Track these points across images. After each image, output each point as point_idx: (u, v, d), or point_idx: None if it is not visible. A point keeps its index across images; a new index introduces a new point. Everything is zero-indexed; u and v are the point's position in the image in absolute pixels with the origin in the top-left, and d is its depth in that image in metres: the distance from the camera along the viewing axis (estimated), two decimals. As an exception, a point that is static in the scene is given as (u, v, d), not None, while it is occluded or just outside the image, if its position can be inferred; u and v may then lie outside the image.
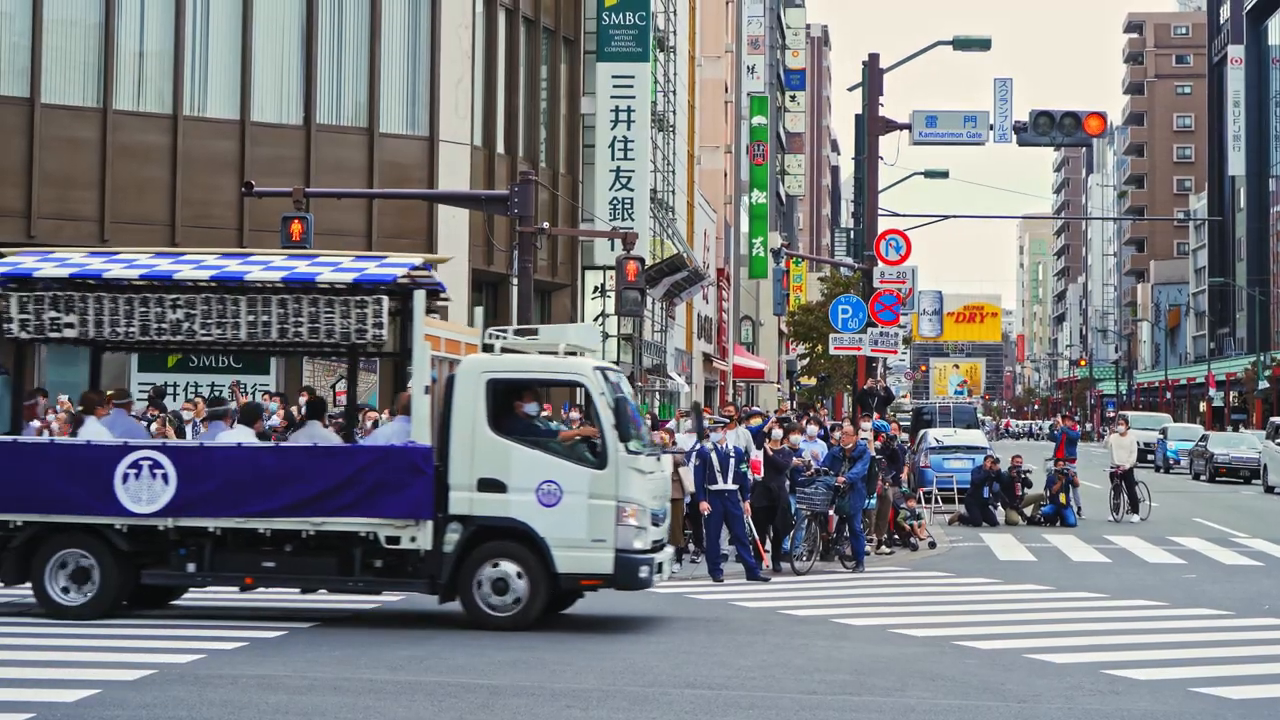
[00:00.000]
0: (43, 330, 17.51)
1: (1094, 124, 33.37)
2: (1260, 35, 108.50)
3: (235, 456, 17.26)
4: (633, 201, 42.53)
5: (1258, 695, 13.87)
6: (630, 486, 16.99)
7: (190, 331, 17.35)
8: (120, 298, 17.36)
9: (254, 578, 17.38)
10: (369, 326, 17.12)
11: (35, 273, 17.48)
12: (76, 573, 17.33)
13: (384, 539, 16.95)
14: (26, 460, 17.31)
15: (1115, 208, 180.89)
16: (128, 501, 17.07)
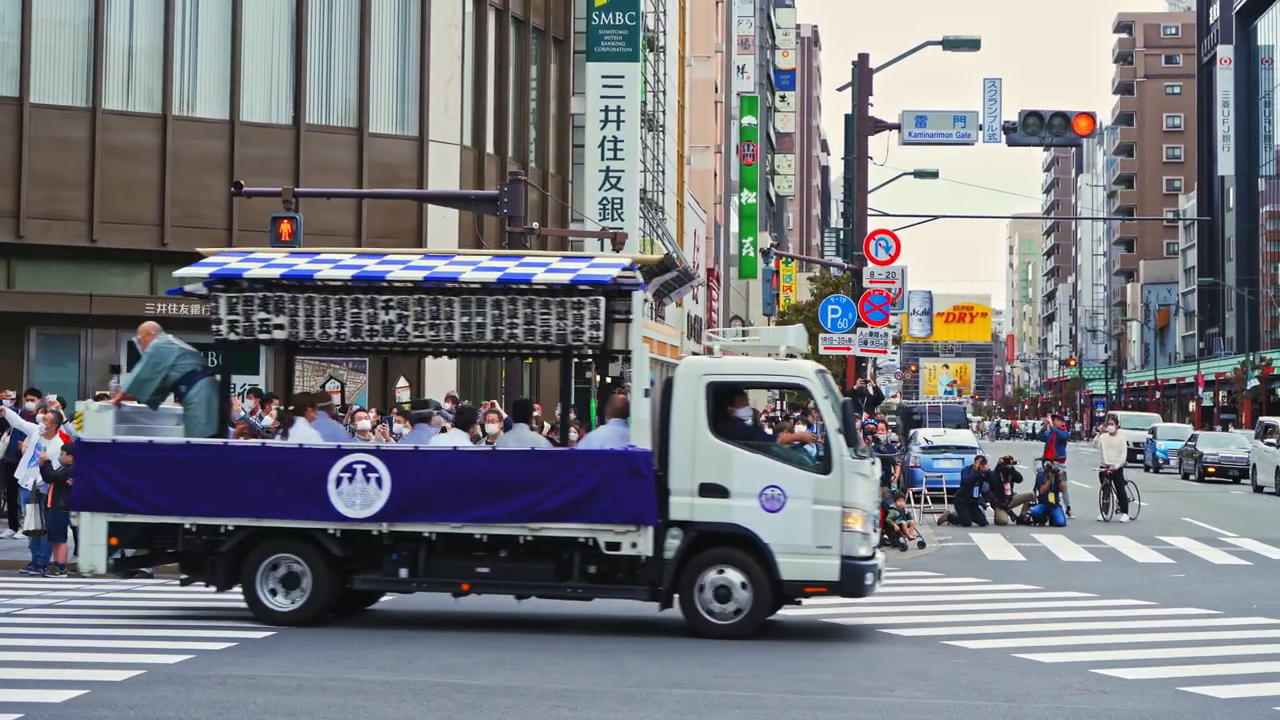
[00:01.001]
0: (252, 332, 17.30)
1: (1083, 124, 33.39)
2: (1249, 35, 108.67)
3: (450, 460, 16.91)
4: (622, 201, 42.52)
5: (1246, 695, 13.88)
6: (855, 491, 16.68)
7: (403, 333, 17.11)
8: (332, 299, 17.14)
9: (470, 584, 17.05)
10: (586, 328, 16.87)
11: (245, 273, 17.23)
12: (287, 578, 17.07)
13: (604, 545, 16.58)
14: (237, 463, 17.02)
15: (1105, 208, 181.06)
16: (341, 506, 16.76)
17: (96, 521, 17.22)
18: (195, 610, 18.75)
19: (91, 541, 17.27)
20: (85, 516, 17.35)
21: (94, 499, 17.19)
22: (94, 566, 17.42)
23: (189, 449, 17.20)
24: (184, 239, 33.45)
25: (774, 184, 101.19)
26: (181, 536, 17.29)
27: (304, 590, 17.02)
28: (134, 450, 17.23)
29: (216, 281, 17.38)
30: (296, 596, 17.04)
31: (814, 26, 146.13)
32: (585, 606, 18.53)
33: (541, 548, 16.78)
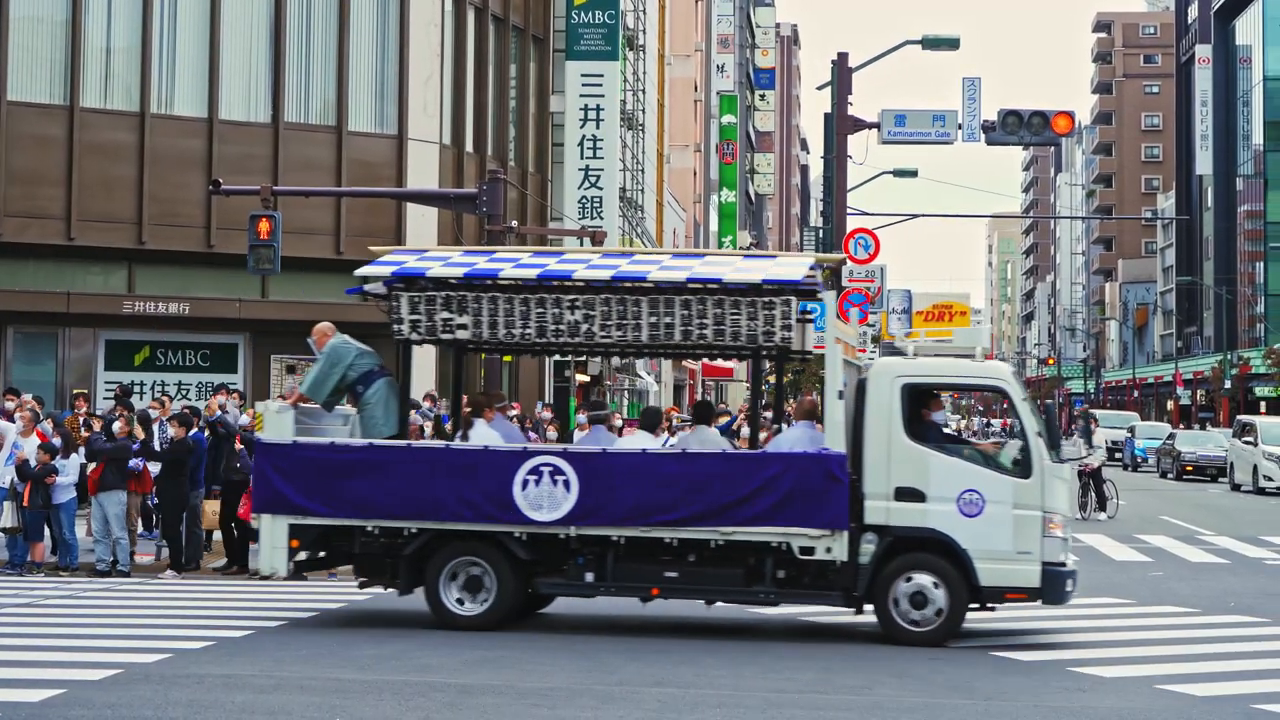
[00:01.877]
0: (434, 332, 17.03)
1: (1062, 123, 33.42)
2: (1228, 35, 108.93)
3: (639, 463, 16.64)
4: (602, 200, 42.50)
5: (1223, 693, 13.91)
6: (1056, 496, 16.41)
7: (589, 333, 16.82)
8: (516, 298, 16.84)
9: (659, 588, 16.75)
10: (777, 328, 16.52)
11: (427, 273, 16.97)
12: (470, 582, 16.83)
13: (797, 550, 16.26)
14: (420, 465, 16.78)
15: (1084, 207, 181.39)
16: (527, 509, 16.48)
17: (278, 524, 16.99)
18: (173, 609, 18.70)
19: (273, 544, 17.02)
20: (266, 519, 17.07)
21: (275, 501, 16.96)
22: (275, 569, 17.19)
23: (371, 450, 16.95)
24: (162, 237, 33.42)
25: (753, 183, 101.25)
26: (358, 538, 17.06)
27: (488, 594, 16.78)
28: (314, 451, 17.03)
29: (397, 281, 17.09)
30: (480, 601, 16.81)
31: (793, 25, 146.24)
32: (564, 606, 18.51)
33: (731, 552, 16.46)
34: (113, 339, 34.04)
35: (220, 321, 33.93)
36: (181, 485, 23.28)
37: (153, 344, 34.34)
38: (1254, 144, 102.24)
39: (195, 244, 33.73)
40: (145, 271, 34.04)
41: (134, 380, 33.02)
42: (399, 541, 16.94)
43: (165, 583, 22.25)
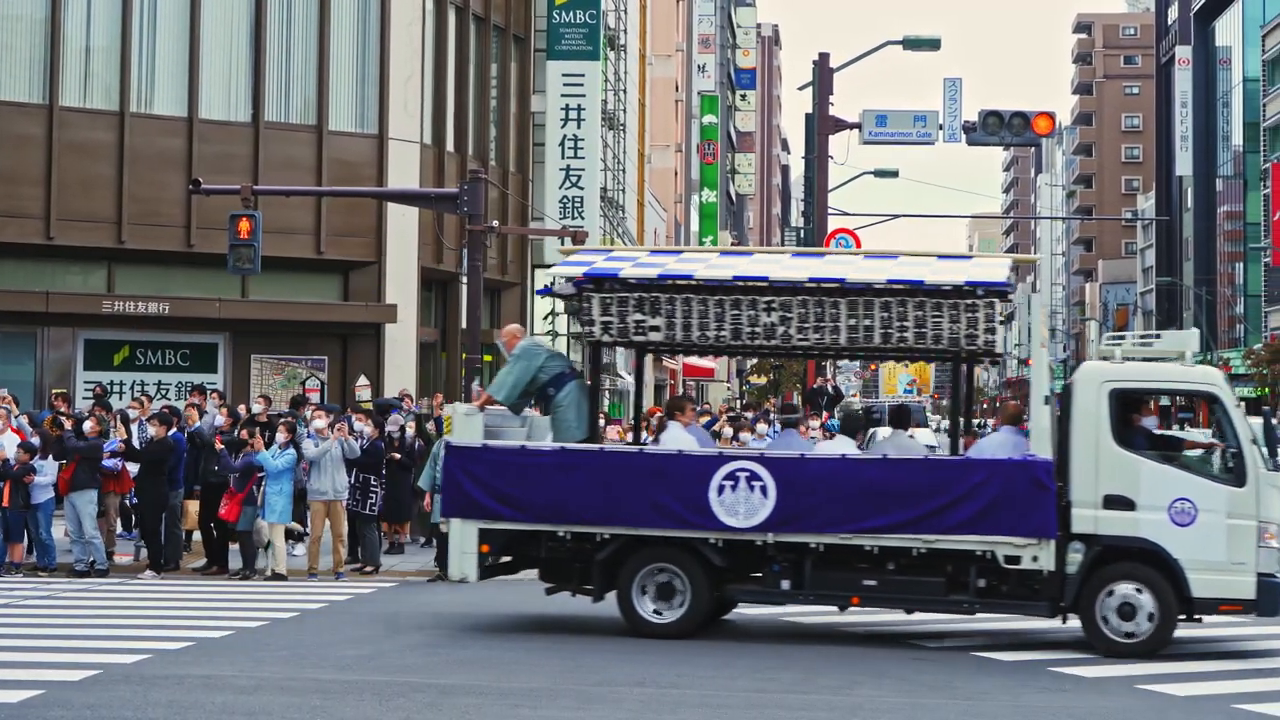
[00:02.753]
0: (626, 333, 16.73)
1: (1043, 124, 33.49)
2: (1208, 36, 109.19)
3: (838, 469, 16.28)
4: (583, 200, 42.48)
5: (1203, 692, 13.94)
6: (1271, 506, 15.86)
7: (785, 336, 16.48)
8: (710, 300, 16.51)
9: (859, 597, 16.40)
10: (980, 331, 16.22)
11: (620, 273, 16.65)
12: (663, 588, 16.54)
13: (1002, 558, 15.85)
14: (614, 469, 16.54)
15: (1064, 207, 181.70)
16: (724, 515, 16.12)
17: (468, 528, 16.76)
18: (152, 610, 18.66)
19: (462, 549, 16.78)
20: (456, 523, 16.88)
21: (466, 505, 16.74)
22: (466, 574, 16.89)
23: (563, 454, 16.69)
24: (142, 237, 33.32)
25: (734, 183, 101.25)
26: (545, 543, 16.83)
27: (681, 601, 16.48)
28: (505, 455, 16.78)
29: (588, 281, 16.76)
30: (674, 607, 16.52)
31: (774, 26, 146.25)
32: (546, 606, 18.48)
33: (931, 560, 16.14)
34: (92, 339, 33.93)
35: (200, 321, 33.85)
36: (160, 485, 23.23)
37: (132, 344, 34.24)
38: (1234, 145, 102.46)
39: (175, 243, 33.64)
40: (125, 271, 33.94)
41: (113, 380, 32.92)
42: (589, 547, 16.68)
43: (144, 583, 22.20)
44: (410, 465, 25.10)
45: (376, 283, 35.26)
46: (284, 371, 34.91)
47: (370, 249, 35.29)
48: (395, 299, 35.00)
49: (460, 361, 34.58)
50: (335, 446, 23.09)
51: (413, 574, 23.37)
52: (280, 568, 22.54)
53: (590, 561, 16.75)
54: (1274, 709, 13.14)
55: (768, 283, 16.48)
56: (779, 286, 16.46)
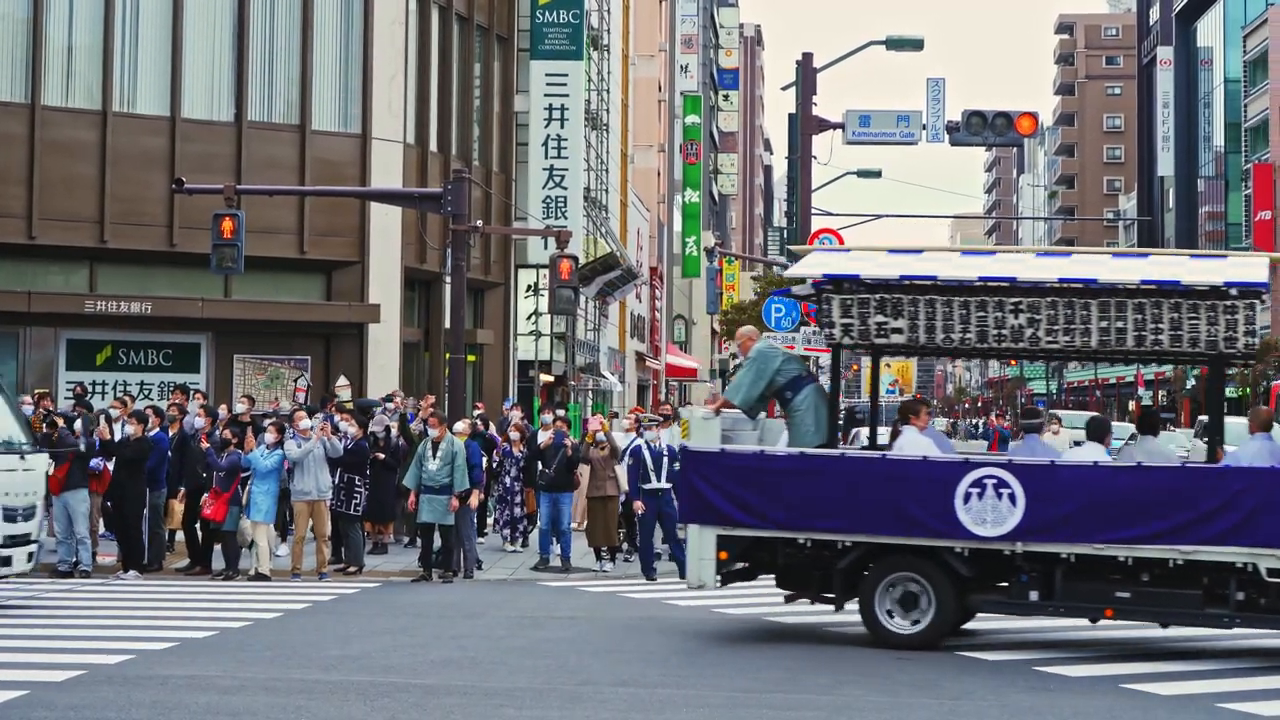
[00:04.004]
0: (867, 336, 16.31)
1: (1026, 124, 33.55)
2: (1189, 37, 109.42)
3: (1090, 476, 15.73)
4: (566, 200, 42.41)
5: (1187, 692, 13.96)
6: None
7: (1033, 338, 15.97)
8: (955, 301, 16.08)
9: (1112, 609, 15.88)
10: (1240, 334, 15.58)
11: (861, 275, 16.23)
12: (905, 598, 16.10)
13: (1265, 571, 15.26)
14: (854, 475, 16.13)
15: (1046, 208, 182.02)
16: (970, 523, 15.68)
17: (705, 534, 16.47)
18: (135, 610, 18.61)
19: (700, 555, 16.52)
20: (694, 529, 16.59)
21: (704, 511, 16.44)
22: (704, 581, 16.60)
23: (803, 459, 16.35)
24: (124, 236, 33.20)
25: (717, 183, 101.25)
26: (783, 550, 16.52)
27: (924, 611, 16.06)
28: (743, 460, 16.47)
29: (827, 283, 16.37)
30: (916, 617, 16.10)
31: (757, 26, 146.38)
32: (529, 608, 18.47)
33: (1188, 572, 15.56)
34: (74, 338, 33.81)
35: (183, 321, 33.74)
36: (139, 484, 23.18)
37: (114, 344, 34.13)
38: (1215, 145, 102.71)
39: (157, 243, 33.52)
40: (107, 271, 33.83)
41: (96, 380, 32.80)
42: (829, 554, 16.32)
43: (127, 583, 22.15)
44: (394, 465, 25.08)
45: (360, 282, 35.19)
46: (267, 371, 34.83)
47: (353, 249, 35.22)
48: (378, 299, 34.94)
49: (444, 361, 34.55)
50: (318, 446, 23.08)
51: (396, 574, 23.35)
52: (264, 568, 22.51)
53: (830, 569, 16.36)
54: (1257, 708, 13.17)
55: (1013, 283, 16.02)
56: (1025, 287, 15.99)
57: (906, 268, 16.37)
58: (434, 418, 23.75)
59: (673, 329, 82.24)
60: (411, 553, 24.58)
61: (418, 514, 22.99)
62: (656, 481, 23.19)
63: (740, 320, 68.26)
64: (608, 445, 24.80)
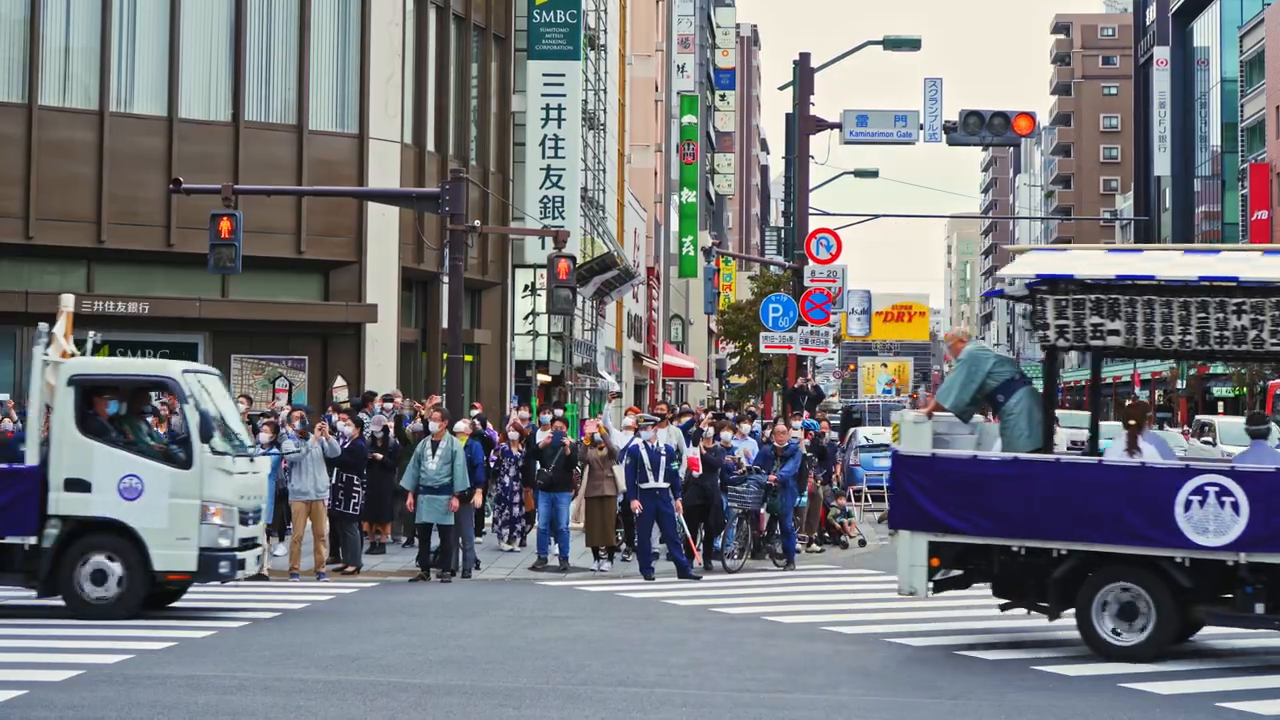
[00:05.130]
0: (1082, 337, 15.87)
1: (1023, 124, 33.59)
2: (1186, 37, 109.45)
3: None
4: (563, 200, 42.41)
5: (1187, 691, 13.97)
6: None
7: (1257, 340, 15.40)
8: (1174, 301, 15.53)
9: None
10: None
11: (1075, 275, 15.80)
12: (1124, 609, 15.57)
13: None
14: (1069, 481, 15.62)
15: (1042, 207, 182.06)
16: (1191, 532, 15.16)
17: (917, 541, 16.20)
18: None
19: (911, 562, 16.25)
20: (904, 535, 16.38)
21: (914, 517, 16.20)
22: (915, 588, 16.32)
23: (1016, 465, 15.95)
24: (121, 236, 33.19)
25: (714, 183, 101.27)
26: (998, 558, 16.16)
27: (1145, 622, 15.52)
28: (955, 465, 16.18)
29: (1041, 283, 15.98)
30: (1135, 629, 15.56)
31: (753, 26, 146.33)
32: (529, 606, 18.46)
33: None
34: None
35: (180, 321, 33.72)
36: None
37: (112, 344, 34.06)
38: (1212, 145, 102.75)
39: (155, 243, 33.51)
40: (104, 271, 33.81)
41: (93, 380, 32.73)
42: (1044, 562, 15.90)
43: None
44: (392, 466, 25.07)
45: (357, 282, 35.18)
46: (264, 371, 34.82)
47: (350, 249, 35.21)
48: (376, 299, 34.93)
49: (441, 361, 34.55)
50: (316, 446, 23.08)
51: (394, 574, 23.35)
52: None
53: (1046, 578, 15.93)
54: (1257, 707, 13.18)
55: (1237, 283, 15.50)
56: (1250, 287, 15.45)
57: (1124, 266, 15.97)
58: (437, 413, 23.72)
59: (670, 329, 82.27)
60: (409, 553, 24.58)
61: (416, 514, 22.99)
62: (654, 481, 23.19)
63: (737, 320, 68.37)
64: (605, 445, 24.81)
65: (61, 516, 17.98)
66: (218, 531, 18.02)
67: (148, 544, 17.80)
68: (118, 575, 17.82)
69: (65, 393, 18.28)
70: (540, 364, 43.78)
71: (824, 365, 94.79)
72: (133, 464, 18.09)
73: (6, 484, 18.03)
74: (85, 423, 18.26)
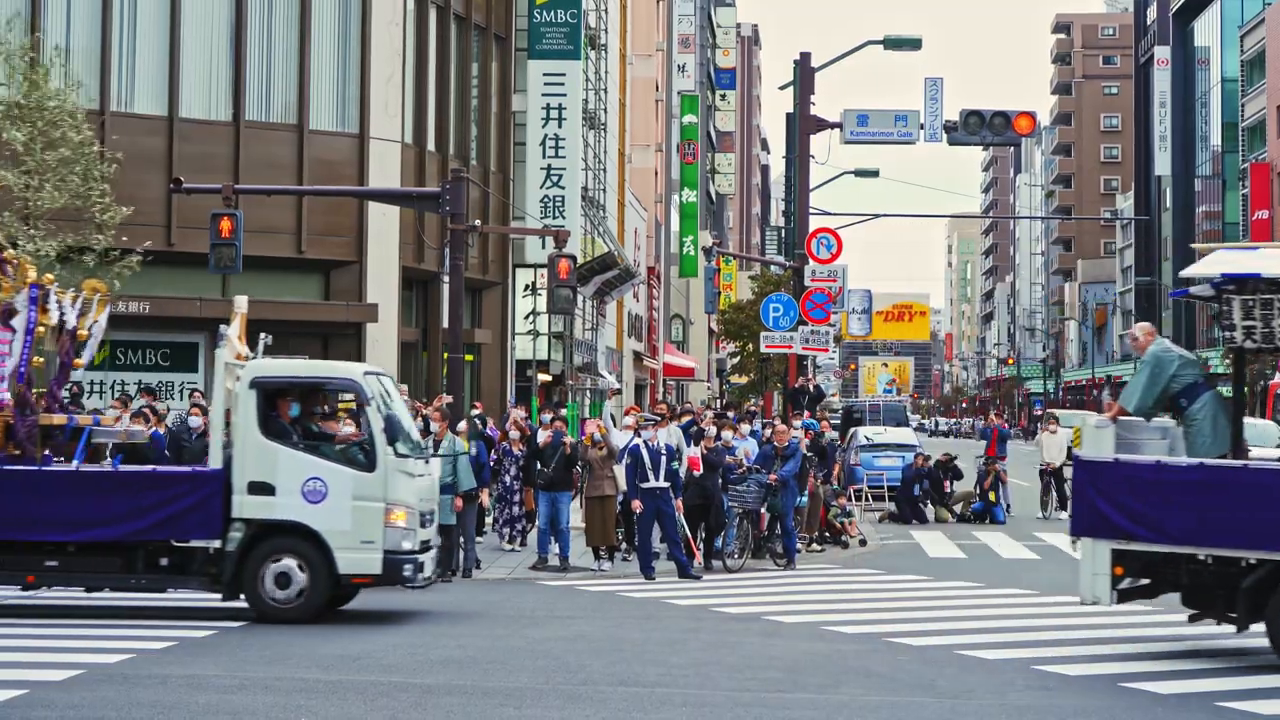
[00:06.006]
0: (1271, 338, 15.41)
1: (1023, 124, 33.56)
2: (1186, 37, 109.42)
3: None
4: (564, 199, 42.42)
5: (1187, 690, 13.96)
6: None
7: None
8: None
9: None
10: None
11: (1263, 274, 15.26)
12: None
13: None
14: (1260, 488, 15.07)
15: (1043, 207, 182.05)
16: None
17: (1099, 548, 15.75)
18: (134, 609, 18.59)
19: (1094, 570, 15.84)
20: (1086, 542, 15.90)
21: (1096, 524, 15.74)
22: (1098, 598, 15.89)
23: (1201, 470, 15.39)
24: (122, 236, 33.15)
25: (714, 182, 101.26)
26: (1186, 567, 15.65)
27: None
28: (1139, 471, 15.63)
29: (1228, 283, 15.54)
30: None
31: (754, 26, 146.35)
32: (529, 606, 18.45)
33: None
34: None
35: (181, 321, 33.71)
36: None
37: (113, 343, 34.06)
38: (1212, 145, 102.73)
39: (156, 243, 33.50)
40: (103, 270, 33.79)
41: (94, 380, 32.79)
42: (1234, 572, 15.35)
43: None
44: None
45: (357, 282, 35.18)
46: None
47: (351, 248, 35.21)
48: (376, 298, 34.94)
49: (442, 361, 34.53)
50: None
51: (395, 574, 23.29)
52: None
53: (1234, 588, 15.33)
54: (1258, 706, 13.17)
55: None
56: None
57: None
58: (436, 414, 23.68)
59: (670, 328, 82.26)
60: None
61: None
62: (654, 480, 23.19)
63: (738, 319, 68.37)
64: (605, 445, 24.80)
65: (245, 520, 17.77)
66: (401, 535, 17.81)
67: (332, 547, 17.60)
68: (302, 579, 17.63)
69: (247, 395, 18.10)
70: (541, 363, 43.77)
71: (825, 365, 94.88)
72: (316, 467, 17.87)
73: (191, 487, 17.84)
74: (268, 425, 18.05)
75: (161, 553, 17.94)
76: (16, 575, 18.04)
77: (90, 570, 17.97)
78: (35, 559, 17.80)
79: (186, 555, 17.94)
